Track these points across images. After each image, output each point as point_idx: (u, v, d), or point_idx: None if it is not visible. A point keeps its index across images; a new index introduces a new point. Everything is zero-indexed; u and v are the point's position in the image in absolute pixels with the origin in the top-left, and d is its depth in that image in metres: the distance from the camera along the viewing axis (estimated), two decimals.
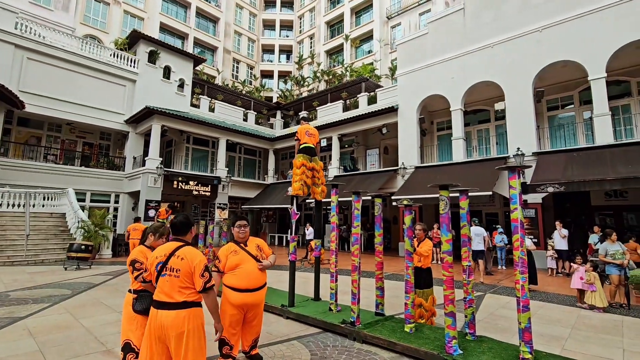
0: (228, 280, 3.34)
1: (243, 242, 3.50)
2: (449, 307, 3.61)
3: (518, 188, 3.55)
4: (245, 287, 3.33)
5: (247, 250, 3.48)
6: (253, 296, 3.37)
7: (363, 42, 28.89)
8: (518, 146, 12.00)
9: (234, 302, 3.29)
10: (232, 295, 3.30)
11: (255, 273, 3.41)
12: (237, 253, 3.41)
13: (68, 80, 16.83)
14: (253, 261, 3.44)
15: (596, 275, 6.08)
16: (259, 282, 3.43)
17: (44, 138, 18.06)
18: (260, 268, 3.44)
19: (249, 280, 3.36)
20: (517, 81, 12.43)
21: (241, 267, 3.37)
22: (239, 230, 3.48)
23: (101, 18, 24.54)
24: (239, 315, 3.36)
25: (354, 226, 4.71)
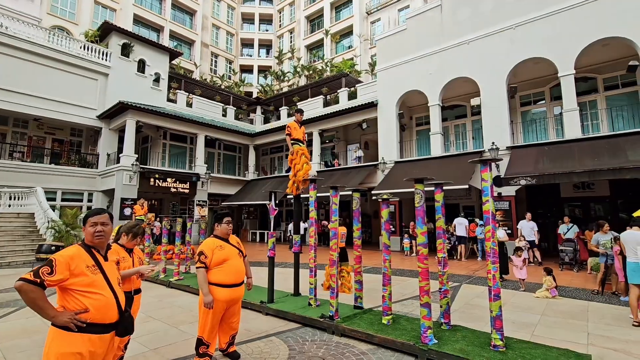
0: (215, 277, 3.26)
1: (227, 238, 3.47)
2: (424, 298, 3.68)
3: (490, 180, 3.64)
4: (233, 282, 3.32)
5: (232, 244, 3.47)
6: (239, 291, 3.39)
7: (343, 37, 28.87)
8: (493, 140, 12.33)
9: (221, 298, 3.24)
10: (219, 292, 3.24)
11: (240, 267, 3.44)
12: (223, 248, 3.37)
13: (34, 74, 16.00)
14: (238, 256, 3.45)
15: (550, 278, 6.33)
16: (243, 276, 3.48)
17: (9, 134, 17.16)
18: (249, 283, 3.66)
19: (236, 274, 3.36)
20: (492, 77, 12.75)
21: (228, 262, 3.33)
22: (228, 226, 3.47)
23: (70, 8, 23.40)
24: (222, 311, 3.33)
25: (332, 221, 4.72)
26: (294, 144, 6.16)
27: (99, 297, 1.94)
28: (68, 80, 17.02)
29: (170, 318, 5.08)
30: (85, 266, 1.96)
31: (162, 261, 7.71)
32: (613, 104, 12.30)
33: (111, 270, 2.10)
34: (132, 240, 2.98)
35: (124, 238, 3.00)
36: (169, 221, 8.11)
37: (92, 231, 2.09)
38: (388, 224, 4.45)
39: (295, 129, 6.29)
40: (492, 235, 3.54)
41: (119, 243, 3.02)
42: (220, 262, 3.32)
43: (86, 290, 1.93)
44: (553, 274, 6.42)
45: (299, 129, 6.34)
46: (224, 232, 3.48)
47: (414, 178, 3.89)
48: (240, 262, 3.47)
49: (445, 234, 4.24)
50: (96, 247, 2.09)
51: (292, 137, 6.21)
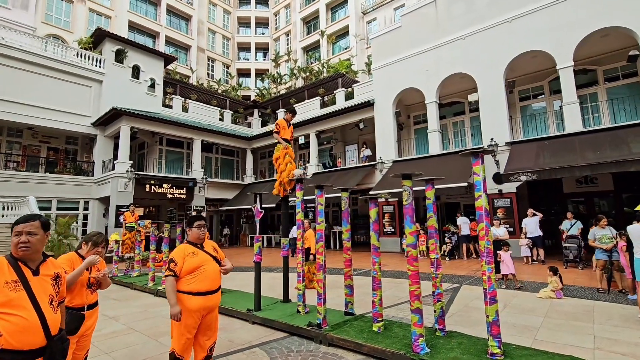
0: (186, 285, 2.99)
1: (200, 244, 3.22)
2: (415, 303, 3.41)
3: (482, 174, 3.38)
4: (207, 289, 3.05)
5: (206, 250, 3.21)
6: (214, 298, 3.12)
7: (340, 38, 28.70)
8: (492, 137, 12.03)
9: (194, 308, 2.98)
10: (192, 301, 2.97)
11: (216, 274, 3.17)
12: (196, 255, 3.11)
13: (28, 82, 15.88)
14: (213, 262, 3.17)
15: (557, 279, 6.03)
16: (219, 283, 3.21)
17: (3, 144, 17.04)
18: (224, 271, 3.22)
19: (210, 281, 3.09)
20: (489, 72, 12.48)
21: (202, 269, 3.07)
22: (199, 230, 3.20)
23: (64, 17, 23.37)
24: (196, 323, 3.06)
25: (318, 222, 4.46)
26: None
27: (16, 319, 1.67)
28: (62, 88, 16.90)
29: (151, 329, 4.83)
30: (4, 282, 1.70)
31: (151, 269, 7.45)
32: (614, 95, 11.99)
33: (41, 287, 1.83)
34: (92, 249, 2.74)
35: (84, 247, 2.77)
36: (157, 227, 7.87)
37: (15, 241, 1.84)
38: (377, 225, 4.19)
39: (284, 127, 6.15)
40: (486, 233, 3.27)
41: (78, 253, 2.78)
42: (193, 269, 3.06)
43: None
44: (560, 274, 6.11)
45: (287, 129, 6.19)
46: (195, 237, 3.22)
47: (401, 174, 3.63)
48: (215, 268, 3.19)
49: (437, 232, 3.97)
50: (23, 259, 1.83)
51: (280, 136, 6.07)
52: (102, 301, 6.80)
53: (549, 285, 6.05)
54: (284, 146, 5.93)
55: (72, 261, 2.66)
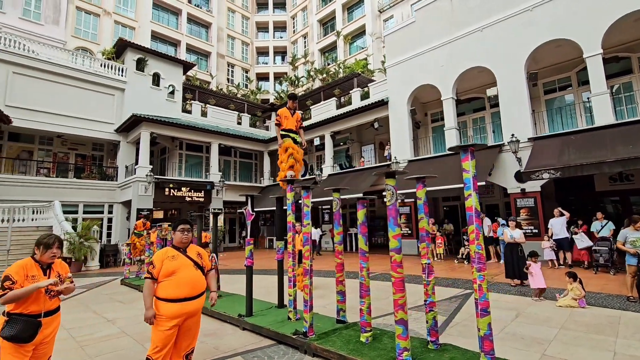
0: (163, 291, 2.89)
1: (183, 248, 3.12)
2: (399, 313, 3.12)
3: (471, 171, 3.05)
4: (185, 295, 2.93)
5: (188, 255, 3.10)
6: (193, 304, 2.98)
7: (356, 38, 28.38)
8: (512, 132, 11.34)
9: (171, 315, 2.87)
10: (167, 308, 2.86)
11: (196, 279, 3.04)
12: (176, 258, 3.01)
13: (56, 93, 16.76)
14: (193, 267, 3.06)
15: (578, 285, 5.46)
16: (200, 289, 3.06)
17: (35, 152, 18.05)
18: (213, 297, 3.32)
19: (189, 287, 2.96)
20: (509, 65, 11.79)
21: (179, 274, 2.96)
22: (182, 234, 3.11)
23: (92, 30, 24.56)
24: (174, 330, 2.94)
25: (304, 225, 4.24)
26: (284, 136, 5.40)
27: None
28: (88, 97, 17.71)
29: (142, 334, 4.78)
30: None
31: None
32: None
33: None
34: (45, 253, 2.67)
35: (37, 252, 2.70)
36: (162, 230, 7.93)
37: None
38: (364, 227, 3.91)
39: (286, 117, 5.47)
40: (476, 237, 2.94)
41: (34, 258, 2.72)
42: (169, 273, 2.95)
43: None
44: (580, 280, 5.55)
45: (291, 117, 5.48)
46: (178, 241, 3.13)
47: (384, 172, 3.35)
48: (194, 274, 3.06)
49: (428, 235, 3.64)
50: None
51: (281, 128, 5.43)
52: (108, 303, 6.94)
53: (569, 293, 5.49)
54: (289, 143, 5.38)
55: (25, 268, 2.59)
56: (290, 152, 5.16)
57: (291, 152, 5.15)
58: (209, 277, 3.29)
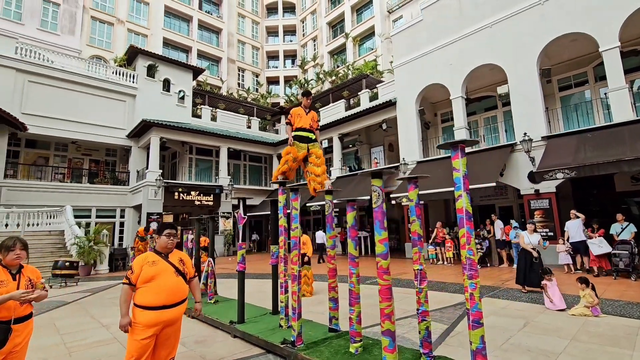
0: (140, 297, 2.78)
1: (165, 254, 3.00)
2: (385, 324, 2.90)
3: (462, 169, 2.81)
4: (163, 303, 2.79)
5: (170, 261, 2.98)
6: (171, 312, 2.85)
7: (366, 39, 28.17)
8: (525, 131, 10.88)
9: (148, 323, 2.74)
10: (143, 316, 2.74)
11: (176, 286, 2.90)
12: (156, 264, 2.88)
13: (70, 100, 17.18)
14: (174, 273, 2.93)
15: (591, 292, 5.08)
16: (181, 296, 2.93)
17: (51, 158, 18.55)
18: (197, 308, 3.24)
19: (168, 294, 2.83)
20: (520, 61, 11.36)
21: (158, 280, 2.83)
22: (168, 239, 2.99)
23: (106, 38, 25.19)
24: (151, 339, 2.80)
25: (293, 229, 4.07)
26: (295, 137, 4.87)
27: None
28: (101, 104, 18.10)
29: None
30: None
31: None
32: None
33: None
34: (7, 255, 2.59)
35: (1, 256, 2.61)
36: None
37: None
38: (354, 231, 3.71)
39: (299, 115, 4.93)
40: (467, 241, 2.70)
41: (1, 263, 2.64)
42: (148, 279, 2.82)
43: None
44: (593, 286, 5.18)
45: (305, 116, 4.94)
46: (163, 246, 3.00)
47: (371, 171, 3.15)
48: (175, 281, 2.93)
49: (420, 239, 3.40)
50: None
51: (294, 127, 4.91)
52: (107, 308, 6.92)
53: (581, 301, 5.12)
54: (290, 149, 4.86)
55: None
56: (287, 159, 4.82)
57: (287, 159, 4.81)
58: (192, 285, 3.17)
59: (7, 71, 15.43)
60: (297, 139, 4.89)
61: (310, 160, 4.84)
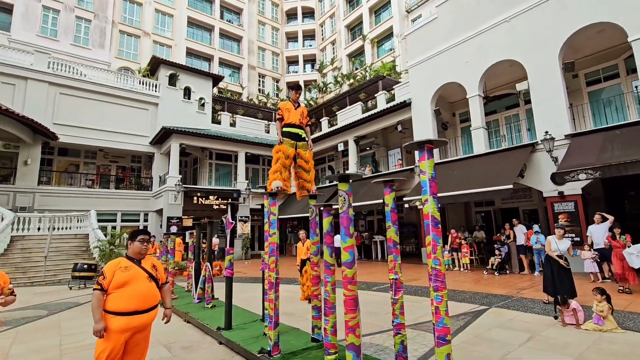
0: (111, 303, 2.78)
1: (138, 259, 3.02)
2: (349, 337, 2.72)
3: (429, 172, 2.61)
4: (134, 309, 2.80)
5: (142, 266, 3.00)
6: (142, 318, 2.85)
7: (384, 41, 27.80)
8: (547, 129, 10.21)
9: (116, 328, 2.74)
10: (114, 322, 2.75)
11: (147, 292, 2.91)
12: (128, 269, 2.89)
13: (98, 110, 18.10)
14: (147, 279, 2.94)
15: (605, 305, 4.59)
16: (152, 302, 2.92)
17: (81, 165, 19.60)
18: (167, 314, 3.15)
19: (140, 300, 2.83)
20: (541, 55, 10.71)
21: (130, 286, 2.85)
22: (142, 245, 3.01)
23: (133, 50, 26.46)
24: (119, 344, 2.80)
25: (270, 234, 3.97)
26: (284, 134, 4.61)
27: None
28: (126, 113, 18.95)
29: None
30: None
31: None
32: None
33: None
34: None
35: None
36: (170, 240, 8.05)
37: None
38: (329, 237, 3.55)
39: (288, 110, 4.67)
40: (433, 249, 2.48)
41: None
42: (120, 285, 2.83)
43: None
44: (609, 298, 4.70)
45: (294, 111, 4.69)
46: (136, 252, 3.02)
47: (338, 175, 2.99)
48: (147, 287, 2.94)
49: (395, 247, 3.20)
50: None
51: (284, 123, 4.64)
52: None
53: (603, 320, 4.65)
54: (280, 147, 4.57)
55: None
56: (278, 157, 4.54)
57: (278, 157, 4.57)
58: (164, 291, 3.15)
59: (40, 84, 16.51)
60: (285, 135, 4.62)
61: (300, 164, 4.69)
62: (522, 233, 10.36)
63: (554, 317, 5.26)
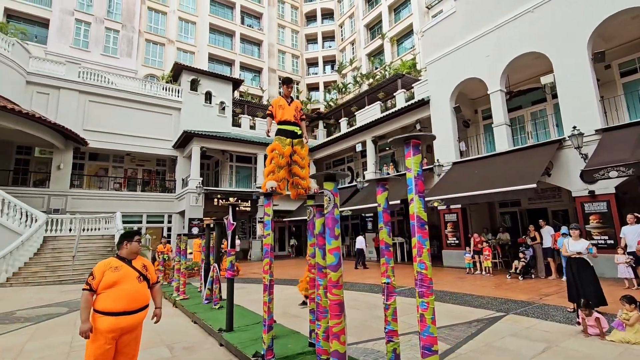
0: (100, 303, 2.79)
1: (130, 259, 3.03)
2: (334, 343, 2.59)
3: (414, 169, 2.44)
4: (123, 309, 2.79)
5: (133, 266, 3.02)
6: (130, 319, 2.84)
7: (404, 38, 27.27)
8: (575, 124, 9.56)
9: (104, 328, 2.74)
10: (101, 322, 2.75)
11: (138, 292, 2.91)
12: (119, 269, 2.89)
13: (124, 116, 18.91)
14: (137, 279, 2.94)
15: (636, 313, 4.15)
16: (142, 303, 2.92)
17: (110, 169, 20.52)
18: (157, 314, 3.14)
19: (129, 300, 2.83)
20: (568, 46, 10.07)
21: (120, 286, 2.85)
22: (139, 245, 3.07)
23: (158, 58, 27.47)
24: (109, 344, 2.80)
25: (265, 235, 3.90)
26: (280, 132, 4.49)
27: None
28: (151, 118, 19.68)
29: None
30: None
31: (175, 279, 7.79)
32: None
33: None
34: None
35: None
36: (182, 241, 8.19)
37: None
38: (321, 239, 3.42)
39: (281, 106, 4.52)
40: (418, 252, 2.31)
41: None
42: (110, 285, 2.83)
43: None
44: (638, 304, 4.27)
45: (287, 107, 4.54)
46: (133, 252, 3.03)
47: (323, 173, 2.87)
48: (137, 287, 2.94)
49: (387, 249, 3.03)
50: None
51: (278, 120, 4.50)
52: None
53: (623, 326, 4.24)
54: (276, 145, 4.44)
55: None
56: (272, 157, 4.52)
57: (273, 157, 4.55)
58: (154, 291, 3.14)
59: (71, 93, 17.44)
60: (281, 133, 4.49)
61: (295, 160, 4.57)
62: (549, 235, 9.75)
63: (576, 323, 4.86)
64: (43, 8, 23.27)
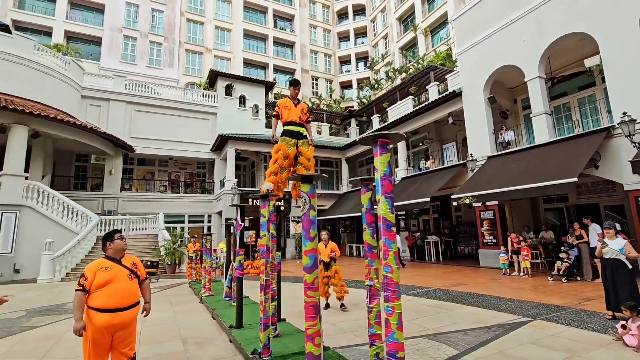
0: (94, 301, 2.96)
1: (118, 258, 3.18)
2: (308, 345, 2.59)
3: (381, 169, 2.36)
4: (115, 306, 2.96)
5: (123, 264, 3.24)
6: (123, 315, 3.00)
7: (439, 28, 26.17)
8: (625, 110, 8.57)
9: (100, 324, 2.92)
10: (97, 318, 2.92)
11: (129, 290, 3.07)
12: (110, 269, 3.04)
13: (166, 123, 20.20)
14: (128, 277, 3.10)
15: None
16: (133, 300, 3.09)
17: (156, 172, 22.03)
18: (146, 308, 3.28)
19: (120, 298, 2.99)
20: (616, 24, 9.06)
21: (113, 284, 3.00)
22: (122, 241, 3.18)
23: (197, 66, 28.99)
24: (105, 340, 2.97)
25: (260, 236, 3.97)
26: (285, 133, 4.58)
27: None
28: (190, 124, 20.83)
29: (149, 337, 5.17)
30: None
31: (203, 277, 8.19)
32: None
33: None
34: None
35: None
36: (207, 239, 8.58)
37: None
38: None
39: (287, 107, 4.65)
40: (384, 255, 2.24)
41: None
42: (103, 284, 3.00)
43: None
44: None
45: (294, 108, 4.67)
46: (119, 249, 3.14)
47: (301, 175, 2.87)
48: (129, 285, 3.08)
49: (370, 251, 2.95)
50: None
51: (284, 121, 4.60)
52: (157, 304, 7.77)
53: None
54: (280, 146, 4.54)
55: None
56: (276, 158, 4.55)
57: (277, 158, 4.63)
58: (144, 287, 3.29)
59: (119, 104, 18.97)
60: (286, 134, 4.58)
61: (301, 161, 4.62)
62: (596, 233, 8.84)
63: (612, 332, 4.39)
64: (96, 28, 25.59)
